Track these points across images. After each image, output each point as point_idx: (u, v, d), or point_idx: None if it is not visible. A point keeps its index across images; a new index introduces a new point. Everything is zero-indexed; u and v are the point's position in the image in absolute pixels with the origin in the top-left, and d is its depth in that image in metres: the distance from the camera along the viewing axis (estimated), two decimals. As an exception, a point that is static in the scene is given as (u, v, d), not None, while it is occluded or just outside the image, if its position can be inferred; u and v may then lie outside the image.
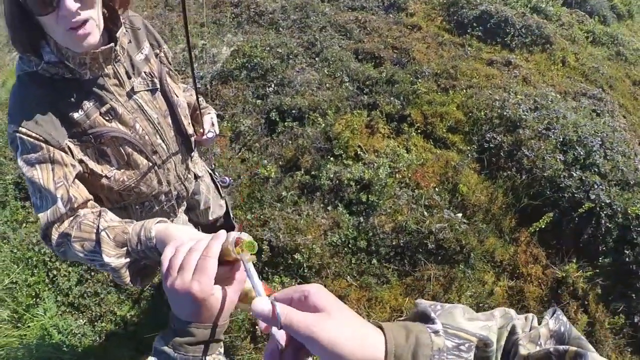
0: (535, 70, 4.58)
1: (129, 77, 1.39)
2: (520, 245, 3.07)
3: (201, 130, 1.84)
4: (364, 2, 5.62)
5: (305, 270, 2.98)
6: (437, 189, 3.28)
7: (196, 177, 1.99)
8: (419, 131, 3.74)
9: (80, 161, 1.32)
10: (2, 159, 4.93)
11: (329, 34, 5.03)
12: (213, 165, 2.32)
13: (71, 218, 1.20)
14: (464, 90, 4.01)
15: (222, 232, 0.82)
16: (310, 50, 4.82)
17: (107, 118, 1.35)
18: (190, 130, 1.73)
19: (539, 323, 0.71)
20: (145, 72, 1.47)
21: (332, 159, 3.57)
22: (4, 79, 9.37)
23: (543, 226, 2.98)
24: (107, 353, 3.04)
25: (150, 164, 1.53)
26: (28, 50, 1.21)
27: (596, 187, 3.05)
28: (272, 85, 4.41)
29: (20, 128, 1.19)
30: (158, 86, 1.53)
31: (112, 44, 1.25)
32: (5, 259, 3.97)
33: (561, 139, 3.42)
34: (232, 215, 2.58)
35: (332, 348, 0.57)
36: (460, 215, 3.10)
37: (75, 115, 1.27)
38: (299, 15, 5.40)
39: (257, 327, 2.75)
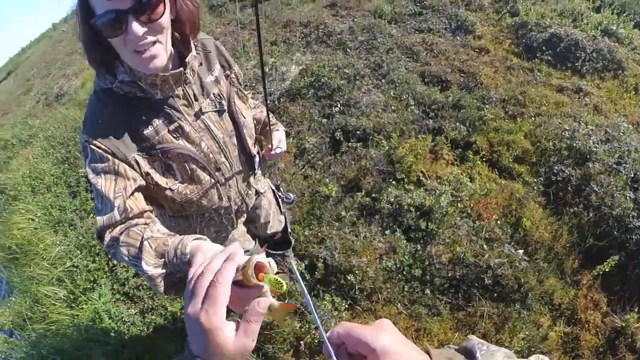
0: (607, 98, 4.44)
1: (196, 99, 1.47)
2: (581, 288, 2.93)
3: (269, 146, 1.90)
4: (430, 24, 5.65)
5: (357, 293, 3.00)
6: (499, 222, 3.22)
7: (257, 193, 2.05)
8: (484, 159, 3.72)
9: (147, 174, 1.41)
10: (78, 154, 5.30)
11: (395, 55, 5.10)
12: (278, 182, 2.40)
13: (123, 225, 1.28)
14: (532, 118, 3.95)
15: (237, 249, 0.77)
16: (377, 72, 4.90)
17: (174, 135, 1.44)
18: (254, 150, 1.80)
19: None
20: (214, 94, 1.55)
21: (393, 182, 3.61)
22: (83, 81, 10.02)
23: (607, 270, 2.85)
24: (154, 344, 3.16)
25: (213, 181, 1.61)
26: (102, 69, 1.31)
27: (667, 230, 2.90)
28: (338, 105, 4.53)
29: (91, 139, 1.30)
30: (225, 107, 1.60)
31: (182, 69, 1.35)
32: (70, 244, 4.23)
33: (632, 175, 3.30)
34: (289, 230, 2.64)
35: None
36: (521, 252, 3.02)
37: (146, 131, 1.37)
38: (366, 37, 5.51)
39: (301, 342, 2.81)
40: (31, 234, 4.56)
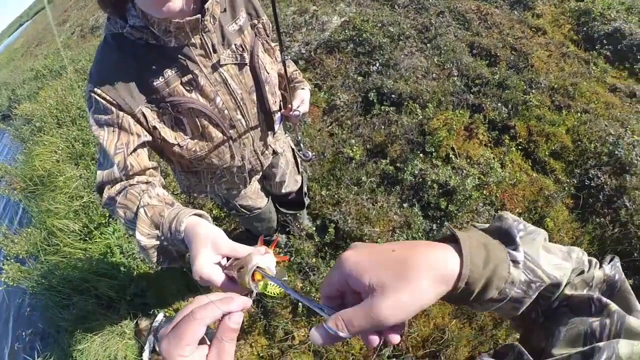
0: (661, 108, 4.14)
1: (215, 50, 1.35)
2: None
3: (289, 106, 1.78)
4: (489, -8, 5.25)
5: None
6: (521, 217, 3.02)
7: (275, 152, 1.97)
8: (519, 147, 3.52)
9: (154, 128, 1.34)
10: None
11: (445, 20, 4.79)
12: (299, 137, 2.28)
13: (123, 182, 1.23)
14: (579, 114, 3.68)
15: (238, 301, 0.65)
16: (423, 35, 4.64)
17: (187, 88, 1.34)
18: (275, 108, 1.69)
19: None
20: (236, 45, 1.42)
21: (421, 154, 3.46)
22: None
23: None
24: (159, 281, 3.22)
25: (225, 138, 1.53)
26: (112, 11, 1.21)
27: (692, 259, 2.69)
28: (377, 64, 4.33)
29: (96, 89, 1.22)
30: (247, 61, 1.48)
31: (199, 16, 1.21)
32: (90, 178, 4.27)
33: (671, 199, 3.05)
34: (305, 192, 2.58)
35: (403, 314, 0.54)
36: None
37: (155, 82, 1.28)
38: (418, -5, 5.17)
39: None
40: (52, 166, 4.61)
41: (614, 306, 0.55)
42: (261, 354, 2.77)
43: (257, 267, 0.76)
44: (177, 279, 3.17)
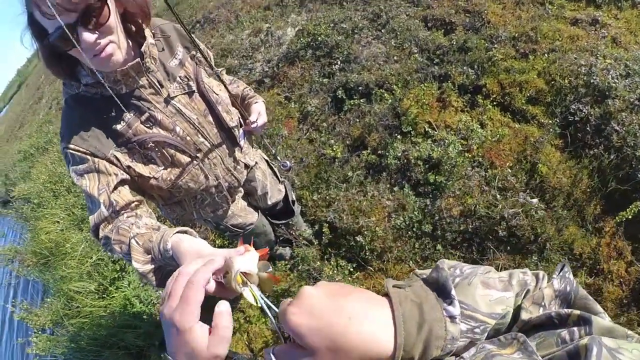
0: (626, 29, 4.02)
1: (162, 86, 1.47)
2: (603, 236, 2.63)
3: (248, 121, 1.88)
4: (431, -36, 5.23)
5: (367, 253, 2.94)
6: (513, 169, 2.98)
7: (247, 166, 2.04)
8: (495, 103, 3.45)
9: (128, 167, 1.45)
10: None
11: (394, 2, 4.77)
12: (273, 150, 2.37)
13: (115, 220, 1.33)
14: (546, 55, 3.62)
15: (219, 256, 0.81)
16: (376, 22, 4.63)
17: (147, 125, 1.47)
18: (232, 124, 1.78)
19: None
20: (180, 77, 1.55)
21: (399, 136, 3.44)
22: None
23: (630, 217, 2.53)
24: None
25: (195, 162, 1.63)
26: (67, 77, 1.36)
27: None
28: (338, 63, 4.32)
29: (69, 145, 1.35)
30: (194, 88, 1.60)
31: (139, 59, 1.35)
32: (94, 240, 4.36)
33: (657, 112, 2.96)
34: (291, 199, 2.64)
35: None
36: (535, 200, 2.76)
37: (118, 127, 1.41)
38: (363, -14, 5.18)
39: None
40: (58, 236, 4.81)
41: (577, 311, 0.56)
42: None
43: (240, 272, 0.79)
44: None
